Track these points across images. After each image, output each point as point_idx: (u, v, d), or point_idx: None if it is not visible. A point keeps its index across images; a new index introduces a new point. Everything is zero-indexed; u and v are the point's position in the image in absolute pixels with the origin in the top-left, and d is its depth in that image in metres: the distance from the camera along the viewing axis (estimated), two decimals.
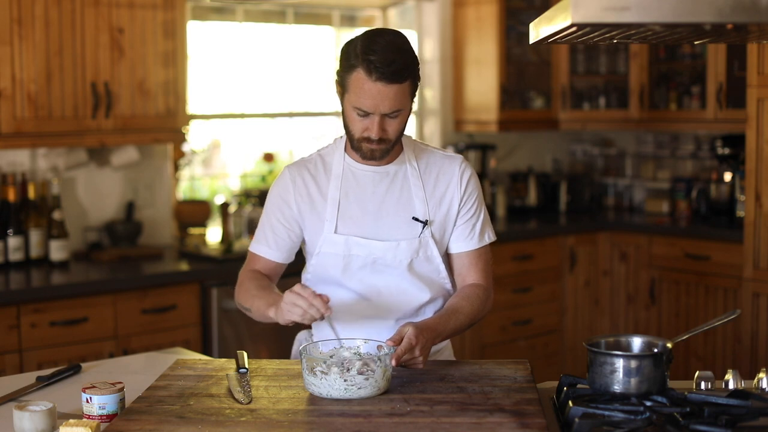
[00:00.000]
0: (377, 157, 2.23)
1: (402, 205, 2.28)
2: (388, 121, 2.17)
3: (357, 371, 1.91)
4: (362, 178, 2.30)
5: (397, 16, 5.44)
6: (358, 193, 2.29)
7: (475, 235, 2.34)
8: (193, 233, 4.35)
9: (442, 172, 2.32)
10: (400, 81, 2.12)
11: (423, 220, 2.28)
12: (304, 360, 1.96)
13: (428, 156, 2.34)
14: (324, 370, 1.92)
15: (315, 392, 1.94)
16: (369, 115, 2.15)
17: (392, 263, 2.27)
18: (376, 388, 1.94)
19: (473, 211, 2.34)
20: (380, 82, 2.10)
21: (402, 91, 2.14)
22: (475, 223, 2.34)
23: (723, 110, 4.74)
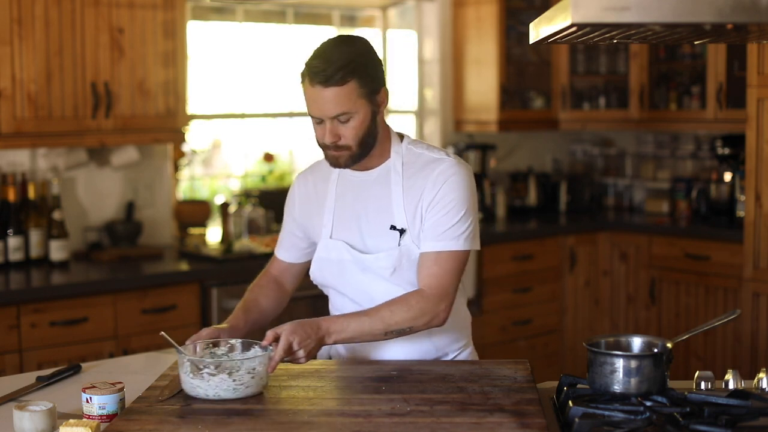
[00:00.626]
0: (342, 164, 2.21)
1: (382, 213, 2.24)
2: (339, 126, 2.14)
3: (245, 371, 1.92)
4: (350, 184, 2.29)
5: (397, 16, 5.44)
6: (347, 199, 2.29)
7: (441, 237, 2.18)
8: (193, 233, 4.35)
9: (424, 174, 2.22)
10: (338, 83, 2.10)
11: (399, 229, 2.22)
12: (187, 363, 1.93)
13: (416, 159, 2.26)
14: (212, 372, 1.91)
15: (200, 394, 1.91)
16: (322, 122, 2.16)
17: (378, 271, 2.25)
18: (261, 385, 1.96)
19: (445, 211, 2.18)
20: (319, 86, 2.11)
21: (344, 93, 2.10)
22: (445, 225, 2.18)
23: (723, 110, 4.74)
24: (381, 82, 2.19)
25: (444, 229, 2.18)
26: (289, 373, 2.13)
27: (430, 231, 2.19)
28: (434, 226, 2.19)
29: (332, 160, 2.21)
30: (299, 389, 2.01)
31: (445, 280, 2.18)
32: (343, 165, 2.21)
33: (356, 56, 2.13)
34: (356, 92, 2.12)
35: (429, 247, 2.19)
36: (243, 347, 2.06)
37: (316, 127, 2.19)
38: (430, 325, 2.18)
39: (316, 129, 2.19)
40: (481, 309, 4.68)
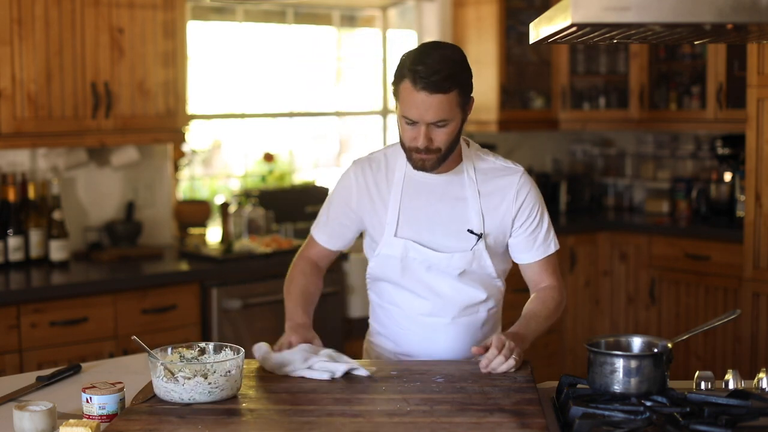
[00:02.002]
0: (427, 168, 2.25)
1: (456, 216, 2.32)
2: (434, 130, 2.18)
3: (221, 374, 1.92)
4: (420, 185, 2.34)
5: (397, 16, 5.44)
6: (416, 201, 2.33)
7: (540, 246, 2.39)
8: (193, 233, 4.35)
9: (499, 184, 2.35)
10: (444, 91, 2.14)
11: (477, 233, 2.31)
12: (160, 367, 1.92)
13: (488, 166, 2.37)
14: (187, 375, 1.90)
15: (174, 398, 1.91)
16: (416, 124, 2.18)
17: (446, 270, 2.33)
18: (235, 388, 1.96)
19: (535, 223, 2.37)
20: (424, 91, 2.14)
21: (447, 101, 2.15)
22: (539, 235, 2.38)
23: (723, 110, 4.74)
24: (472, 89, 2.25)
25: (540, 239, 2.39)
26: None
27: (530, 242, 2.38)
28: (531, 239, 2.38)
29: (418, 163, 2.24)
30: (299, 389, 2.01)
31: (559, 273, 2.45)
32: (428, 168, 2.25)
33: (460, 66, 2.19)
34: (456, 101, 2.18)
35: (536, 256, 2.40)
36: (215, 350, 2.05)
37: (407, 128, 2.21)
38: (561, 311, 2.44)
39: (407, 130, 2.21)
40: None
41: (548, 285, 2.42)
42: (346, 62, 5.36)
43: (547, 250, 2.40)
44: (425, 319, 2.37)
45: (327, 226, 2.48)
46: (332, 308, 4.21)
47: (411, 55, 2.18)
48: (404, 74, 2.17)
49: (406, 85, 2.16)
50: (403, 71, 2.18)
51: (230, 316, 3.91)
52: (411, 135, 2.21)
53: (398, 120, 2.24)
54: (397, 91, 2.22)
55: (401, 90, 2.19)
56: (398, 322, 2.41)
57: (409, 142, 2.22)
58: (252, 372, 2.14)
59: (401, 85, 2.18)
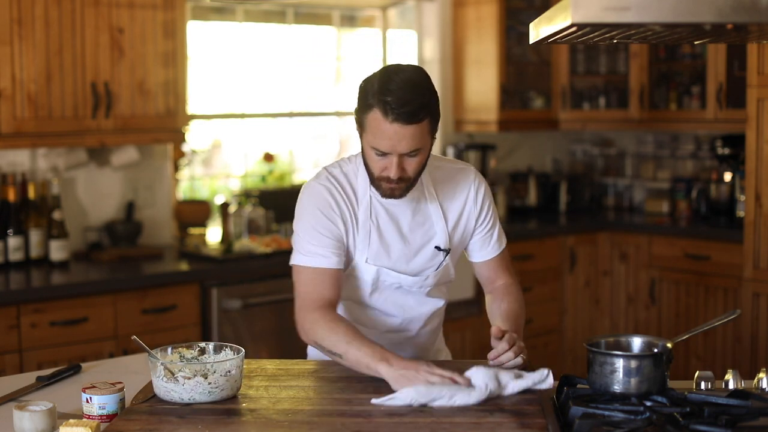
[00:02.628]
0: (396, 196, 2.18)
1: (426, 236, 2.30)
2: (407, 160, 2.12)
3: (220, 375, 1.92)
4: (388, 209, 2.26)
5: (397, 16, 5.44)
6: (386, 225, 2.26)
7: (494, 243, 2.40)
8: (193, 233, 4.34)
9: (456, 188, 2.33)
10: (418, 121, 2.06)
11: (445, 249, 2.31)
12: (160, 367, 1.92)
13: (440, 173, 2.32)
14: (187, 375, 1.90)
15: (174, 398, 1.91)
16: (387, 155, 2.10)
17: (415, 288, 2.33)
18: (235, 388, 1.95)
19: (491, 223, 2.39)
20: (397, 123, 2.05)
21: (420, 130, 2.08)
22: (493, 232, 2.40)
23: (723, 110, 4.74)
24: (440, 116, 2.18)
25: (495, 236, 2.40)
26: (290, 373, 2.13)
27: (485, 241, 2.39)
28: (486, 237, 2.39)
29: (387, 192, 2.17)
30: (299, 389, 2.01)
31: (513, 272, 2.47)
32: (397, 196, 2.19)
33: (428, 92, 2.10)
34: (427, 129, 2.11)
35: (489, 254, 2.41)
36: (215, 350, 2.04)
37: (377, 158, 2.12)
38: None
39: (376, 161, 2.13)
40: (480, 309, 4.67)
41: (505, 282, 2.42)
42: (346, 62, 5.36)
43: (501, 246, 2.42)
44: (392, 334, 2.35)
45: (321, 247, 2.21)
46: None
47: (375, 84, 2.08)
48: (371, 104, 2.07)
49: (376, 116, 2.06)
50: (369, 100, 2.07)
51: (230, 316, 3.91)
52: (381, 165, 2.12)
53: (364, 149, 2.15)
54: (362, 120, 2.11)
55: (369, 120, 2.08)
56: None
57: (379, 172, 2.14)
58: (252, 372, 2.14)
59: (369, 115, 2.08)
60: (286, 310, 4.09)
